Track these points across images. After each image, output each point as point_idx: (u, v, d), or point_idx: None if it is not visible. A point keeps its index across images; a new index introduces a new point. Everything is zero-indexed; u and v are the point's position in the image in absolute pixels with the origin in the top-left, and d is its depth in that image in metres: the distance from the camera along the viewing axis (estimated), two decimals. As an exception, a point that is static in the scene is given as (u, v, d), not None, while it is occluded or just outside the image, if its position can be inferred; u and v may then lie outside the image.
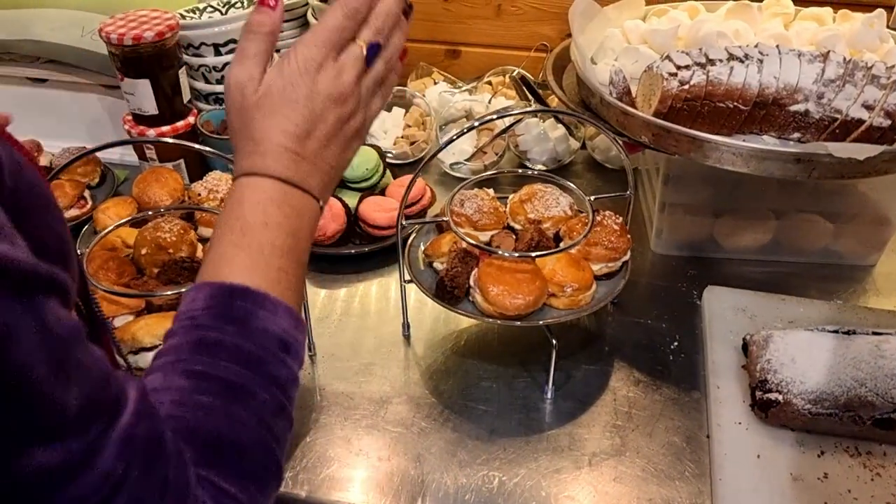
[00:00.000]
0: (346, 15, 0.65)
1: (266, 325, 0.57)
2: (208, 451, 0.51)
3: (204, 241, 1.09)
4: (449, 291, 1.00)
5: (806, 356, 0.93)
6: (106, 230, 1.03)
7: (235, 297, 0.57)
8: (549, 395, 1.03)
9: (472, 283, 1.01)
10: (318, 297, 1.21)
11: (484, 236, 1.09)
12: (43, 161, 1.43)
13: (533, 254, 1.00)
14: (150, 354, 0.88)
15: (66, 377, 0.41)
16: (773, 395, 0.92)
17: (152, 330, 0.88)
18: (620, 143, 1.05)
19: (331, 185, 0.69)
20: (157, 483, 0.46)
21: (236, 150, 0.66)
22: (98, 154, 1.44)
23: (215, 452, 0.52)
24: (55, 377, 0.40)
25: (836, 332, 0.97)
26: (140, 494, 0.45)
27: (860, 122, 1.04)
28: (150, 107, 1.33)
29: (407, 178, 1.34)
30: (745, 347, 1.03)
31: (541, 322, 1.00)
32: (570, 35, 1.28)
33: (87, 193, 1.38)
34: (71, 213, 1.34)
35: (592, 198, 1.07)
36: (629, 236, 1.06)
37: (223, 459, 0.52)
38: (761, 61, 1.07)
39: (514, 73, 1.57)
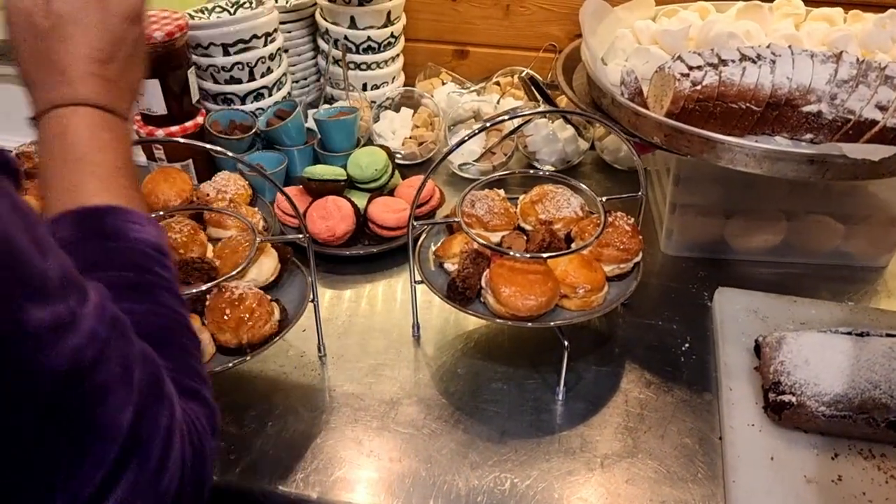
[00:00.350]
0: None
1: (139, 234, 0.60)
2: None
3: (214, 241, 1.09)
4: (461, 292, 0.99)
5: (820, 358, 0.93)
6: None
7: (105, 217, 0.59)
8: (560, 397, 1.03)
9: (483, 284, 1.01)
10: (327, 298, 1.21)
11: (495, 237, 1.08)
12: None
13: (545, 255, 0.99)
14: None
15: (42, 250, 0.43)
16: (786, 398, 0.92)
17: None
18: (632, 143, 1.04)
19: (133, 107, 0.69)
20: (136, 350, 0.50)
21: (34, 82, 0.64)
22: (107, 154, 1.43)
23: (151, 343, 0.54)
24: (35, 248, 0.43)
25: (849, 333, 0.97)
26: (125, 352, 0.49)
27: (874, 122, 1.04)
28: (159, 107, 1.33)
29: (416, 179, 1.35)
30: (758, 349, 1.02)
31: (552, 323, 0.99)
32: (578, 35, 1.28)
33: (95, 193, 1.38)
34: (80, 214, 1.34)
35: (604, 199, 1.06)
36: (641, 237, 1.06)
37: (160, 349, 0.54)
38: (774, 62, 1.07)
39: (523, 74, 1.56)
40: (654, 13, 1.38)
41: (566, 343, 0.99)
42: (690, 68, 1.07)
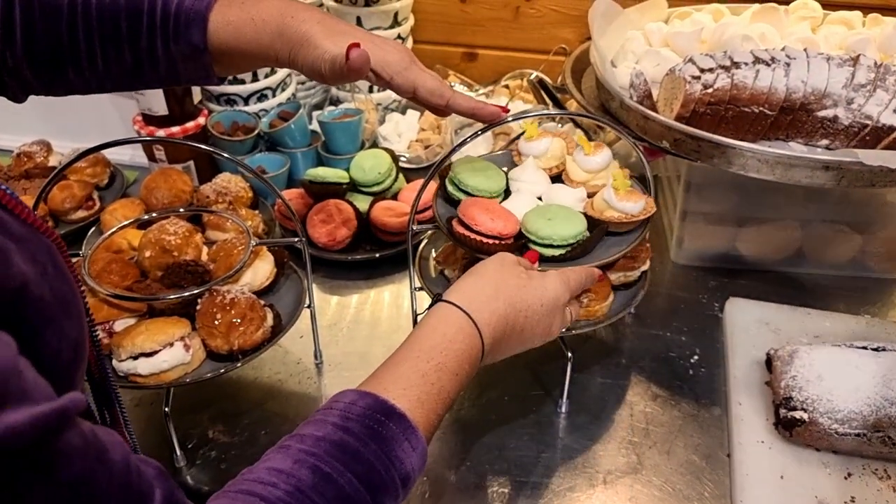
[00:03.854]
0: (594, 278, 0.86)
1: (403, 457, 0.59)
2: None
3: (210, 244, 1.07)
4: (460, 300, 0.96)
5: (833, 373, 0.89)
6: (108, 232, 1.00)
7: (391, 419, 0.60)
8: (563, 410, 1.00)
9: (484, 291, 0.98)
10: (329, 304, 1.18)
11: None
12: (52, 161, 1.41)
13: (538, 267, 0.96)
14: (150, 360, 0.86)
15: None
16: (798, 414, 0.88)
17: (153, 335, 0.86)
18: (641, 148, 1.01)
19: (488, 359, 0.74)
20: None
21: (476, 282, 0.75)
22: (108, 155, 1.42)
23: None
24: None
25: (864, 348, 0.93)
26: None
27: (892, 128, 1.00)
28: (160, 107, 1.31)
29: (420, 183, 1.32)
30: (769, 363, 0.99)
31: (555, 333, 0.96)
32: (589, 38, 1.25)
33: (95, 194, 1.37)
34: (78, 214, 1.33)
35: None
36: (648, 245, 1.03)
37: None
38: (788, 65, 1.04)
39: (532, 77, 1.53)
40: (666, 15, 1.35)
41: (570, 354, 0.96)
42: (702, 71, 1.04)
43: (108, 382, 0.66)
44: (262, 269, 1.01)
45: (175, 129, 1.34)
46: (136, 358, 0.86)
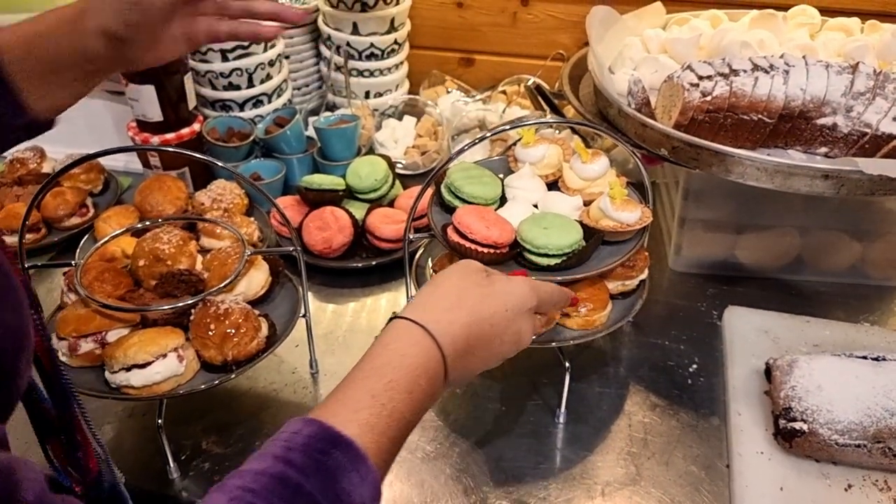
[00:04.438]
0: (565, 300, 0.80)
1: (350, 489, 0.54)
2: None
3: (205, 251, 1.06)
4: (457, 309, 0.95)
5: (833, 384, 0.88)
6: (101, 241, 0.99)
7: (337, 447, 0.55)
8: (560, 420, 0.99)
9: (481, 300, 0.97)
10: (324, 313, 1.17)
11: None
12: (46, 168, 1.40)
13: (534, 277, 0.95)
14: (143, 372, 0.85)
15: None
16: (797, 425, 0.87)
17: (145, 346, 0.84)
18: (639, 155, 1.01)
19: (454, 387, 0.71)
20: None
21: (433, 292, 0.70)
22: (102, 161, 1.41)
23: None
24: None
25: (864, 357, 0.92)
26: None
27: (891, 137, 1.00)
28: (155, 113, 1.30)
29: (417, 190, 1.31)
30: (768, 372, 0.98)
31: (553, 343, 0.95)
32: (586, 44, 1.25)
33: (89, 201, 1.36)
34: (72, 221, 1.31)
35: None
36: (647, 253, 1.02)
37: None
38: (787, 72, 1.03)
39: (530, 83, 1.52)
40: (664, 22, 1.34)
41: (567, 364, 0.95)
42: (700, 78, 1.04)
43: (58, 373, 0.63)
44: (256, 278, 0.99)
45: (170, 135, 1.33)
46: (128, 369, 0.85)
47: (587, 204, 1.00)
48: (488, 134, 0.98)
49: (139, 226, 1.05)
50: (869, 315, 1.16)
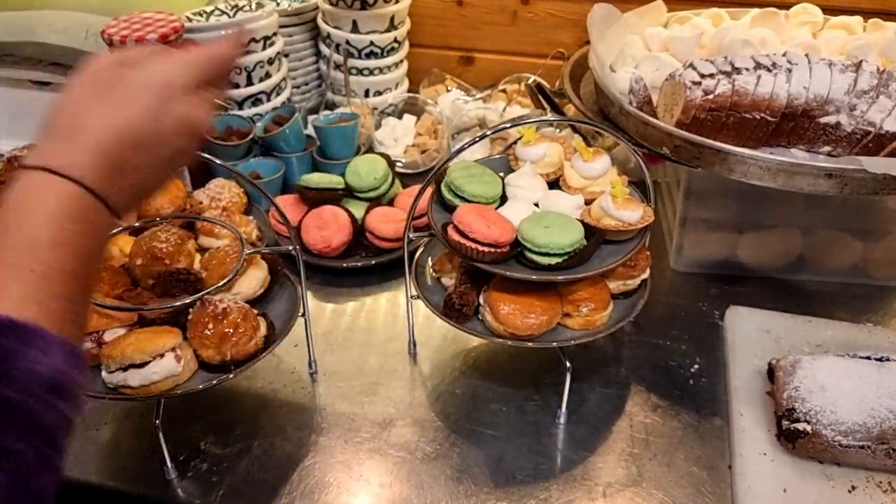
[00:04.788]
0: (228, 59, 0.67)
1: (33, 366, 0.48)
2: None
3: (203, 250, 1.05)
4: (457, 309, 0.95)
5: (836, 384, 0.88)
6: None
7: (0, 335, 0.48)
8: (561, 420, 0.98)
9: (482, 300, 0.96)
10: (323, 312, 1.17)
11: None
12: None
13: (535, 276, 0.94)
14: (141, 371, 0.84)
15: None
16: (800, 426, 0.87)
17: (143, 346, 0.84)
18: (640, 154, 1.00)
19: (133, 209, 0.61)
20: None
21: (46, 124, 0.58)
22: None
23: None
24: None
25: (867, 358, 0.92)
26: None
27: (895, 135, 0.99)
28: (153, 111, 1.29)
29: (417, 189, 1.30)
30: (771, 372, 0.97)
31: (554, 343, 0.94)
32: (587, 42, 1.24)
33: (87, 200, 1.35)
34: (70, 220, 1.30)
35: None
36: (648, 253, 1.01)
37: None
38: (790, 70, 1.02)
39: (530, 81, 1.51)
40: (665, 20, 1.33)
41: (568, 364, 0.94)
42: (702, 76, 1.03)
43: None
44: (255, 277, 0.99)
45: (168, 133, 1.32)
46: (125, 369, 0.84)
47: (588, 203, 0.99)
48: (489, 132, 0.98)
49: (137, 224, 1.04)
50: (871, 315, 1.15)
